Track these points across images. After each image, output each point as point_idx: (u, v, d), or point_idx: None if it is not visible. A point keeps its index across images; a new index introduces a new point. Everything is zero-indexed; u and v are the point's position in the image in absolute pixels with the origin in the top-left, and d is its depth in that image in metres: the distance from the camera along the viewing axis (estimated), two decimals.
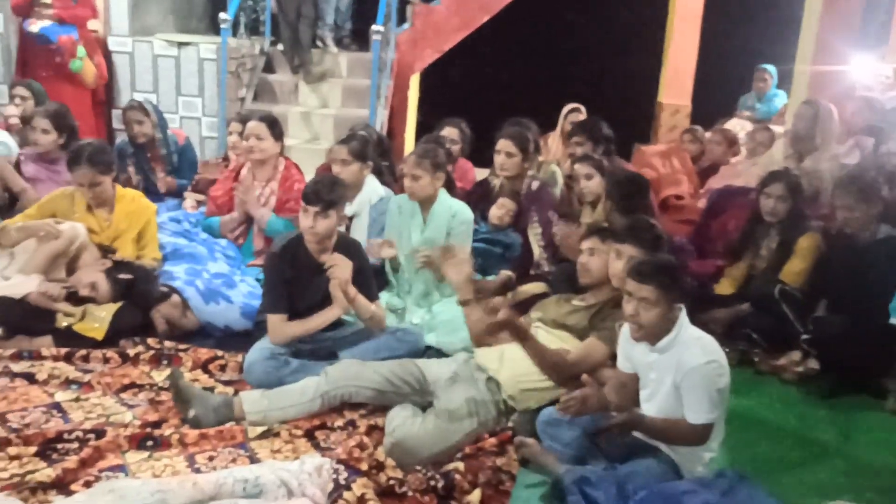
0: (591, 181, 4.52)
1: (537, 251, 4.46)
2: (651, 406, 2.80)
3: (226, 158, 5.37)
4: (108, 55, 6.89)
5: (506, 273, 4.34)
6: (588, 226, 3.95)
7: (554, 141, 5.97)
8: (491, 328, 3.15)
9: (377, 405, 3.18)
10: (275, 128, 4.59)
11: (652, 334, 2.75)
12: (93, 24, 6.77)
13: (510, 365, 3.13)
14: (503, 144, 4.58)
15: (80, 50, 6.30)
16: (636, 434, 2.80)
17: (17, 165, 4.81)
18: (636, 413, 2.80)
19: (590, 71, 8.63)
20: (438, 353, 3.68)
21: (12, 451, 2.76)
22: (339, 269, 3.39)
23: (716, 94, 8.12)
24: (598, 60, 8.80)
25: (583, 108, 5.92)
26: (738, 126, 6.77)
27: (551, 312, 3.39)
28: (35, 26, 6.25)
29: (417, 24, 7.49)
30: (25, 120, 5.13)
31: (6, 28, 6.72)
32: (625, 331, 2.88)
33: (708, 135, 6.44)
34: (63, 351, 3.54)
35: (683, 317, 2.76)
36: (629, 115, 7.99)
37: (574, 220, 4.76)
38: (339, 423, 3.10)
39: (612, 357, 3.12)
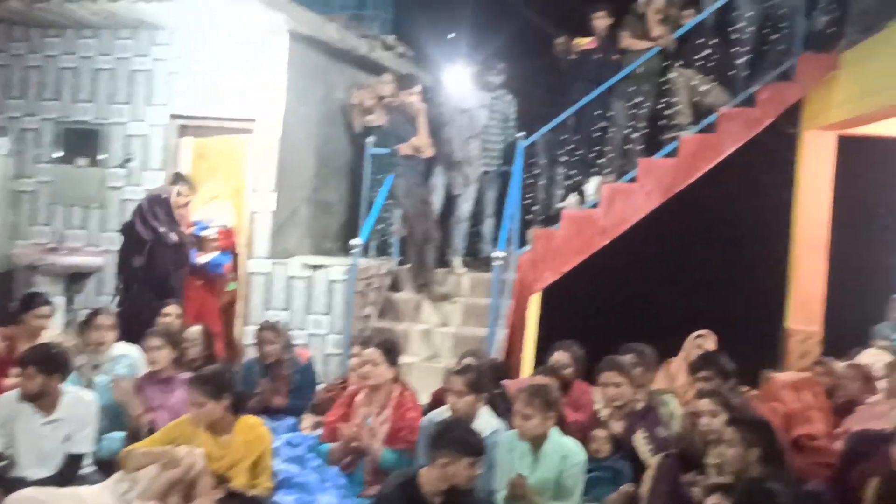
0: (715, 418, 4.32)
1: (647, 457, 4.31)
2: None
3: (345, 381, 5.52)
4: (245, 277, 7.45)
5: (624, 488, 4.24)
6: (713, 482, 3.71)
7: (678, 367, 5.79)
8: None
9: None
10: (390, 354, 4.73)
11: None
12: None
13: None
14: (607, 377, 4.64)
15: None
16: None
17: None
18: None
19: (714, 293, 8.51)
20: None
21: None
22: None
23: (849, 319, 7.73)
24: (722, 282, 8.70)
25: (711, 335, 5.76)
26: (875, 357, 6.32)
27: None
28: (204, 258, 7.00)
29: (538, 247, 7.71)
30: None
31: None
32: None
33: (842, 366, 6.05)
34: None
35: None
36: (755, 339, 7.72)
37: (696, 460, 4.51)
38: None
39: None
